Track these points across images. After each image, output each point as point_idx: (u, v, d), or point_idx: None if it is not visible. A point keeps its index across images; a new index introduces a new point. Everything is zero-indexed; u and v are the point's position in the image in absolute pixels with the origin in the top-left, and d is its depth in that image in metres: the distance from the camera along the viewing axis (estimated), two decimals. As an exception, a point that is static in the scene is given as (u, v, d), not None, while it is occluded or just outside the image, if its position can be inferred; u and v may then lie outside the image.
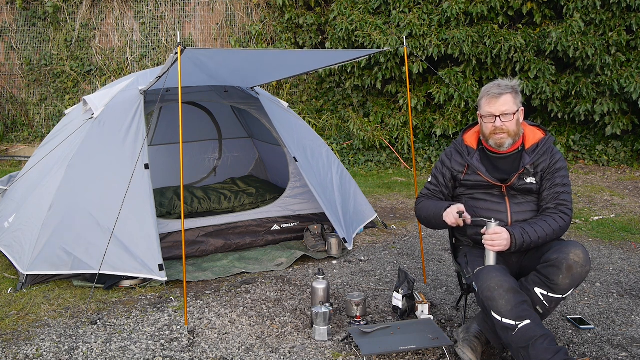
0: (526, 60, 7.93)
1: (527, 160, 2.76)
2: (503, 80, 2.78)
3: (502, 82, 2.76)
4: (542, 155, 2.77)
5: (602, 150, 8.34)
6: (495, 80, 2.83)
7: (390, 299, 3.60)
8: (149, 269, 3.78)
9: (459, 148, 2.92)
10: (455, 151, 2.94)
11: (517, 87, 2.76)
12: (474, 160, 2.84)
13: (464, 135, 2.95)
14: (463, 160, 2.88)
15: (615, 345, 2.98)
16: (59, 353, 2.93)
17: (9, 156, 9.42)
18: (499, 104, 2.69)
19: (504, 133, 2.72)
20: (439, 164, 2.99)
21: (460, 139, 2.96)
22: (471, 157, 2.85)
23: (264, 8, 10.20)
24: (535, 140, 2.81)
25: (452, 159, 2.93)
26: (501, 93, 2.70)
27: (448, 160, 2.95)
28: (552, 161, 2.77)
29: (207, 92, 4.94)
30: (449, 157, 2.96)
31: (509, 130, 2.72)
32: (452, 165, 2.93)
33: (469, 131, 2.96)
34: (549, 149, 2.80)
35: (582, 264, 2.54)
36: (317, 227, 4.72)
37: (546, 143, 2.80)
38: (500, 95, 2.69)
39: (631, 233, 5.15)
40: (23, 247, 3.90)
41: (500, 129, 2.71)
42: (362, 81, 8.94)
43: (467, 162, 2.85)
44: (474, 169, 2.82)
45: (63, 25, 10.30)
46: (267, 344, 3.03)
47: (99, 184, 3.95)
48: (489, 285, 2.49)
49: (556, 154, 2.80)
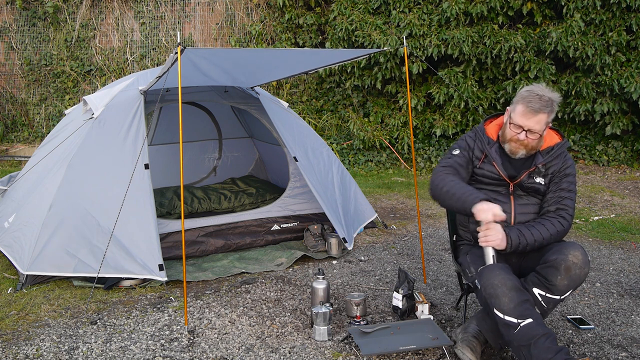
0: (526, 60, 7.93)
1: (540, 160, 2.77)
2: (547, 90, 2.69)
3: (546, 93, 2.67)
4: (555, 158, 2.79)
5: (602, 150, 8.34)
6: (538, 85, 2.72)
7: (390, 299, 3.60)
8: (149, 269, 3.78)
9: (480, 135, 2.89)
10: (477, 137, 2.90)
11: (556, 104, 2.70)
12: (492, 150, 2.83)
13: (486, 125, 2.93)
14: (483, 148, 2.86)
15: (615, 345, 2.98)
16: (59, 353, 2.93)
17: (9, 156, 9.42)
18: (533, 121, 2.65)
19: (523, 146, 2.72)
20: (464, 144, 2.90)
21: (482, 127, 2.93)
22: (490, 146, 2.84)
23: (264, 8, 10.20)
24: (551, 143, 2.82)
25: (476, 144, 2.88)
26: (540, 109, 2.63)
27: (473, 142, 2.89)
28: (564, 166, 2.79)
29: (207, 92, 4.94)
30: (474, 140, 2.90)
31: (528, 145, 2.71)
32: (474, 149, 2.88)
33: (491, 122, 2.94)
34: (563, 153, 2.82)
35: (580, 265, 2.54)
36: (317, 227, 4.72)
37: (561, 147, 2.81)
38: (538, 113, 2.64)
39: (631, 233, 5.15)
40: (23, 247, 3.90)
41: (522, 142, 2.70)
42: (362, 81, 8.94)
43: (486, 150, 2.84)
44: (491, 159, 2.81)
45: (63, 25, 10.30)
46: (267, 344, 3.03)
47: (99, 183, 3.95)
48: (493, 283, 2.50)
49: (568, 159, 2.81)
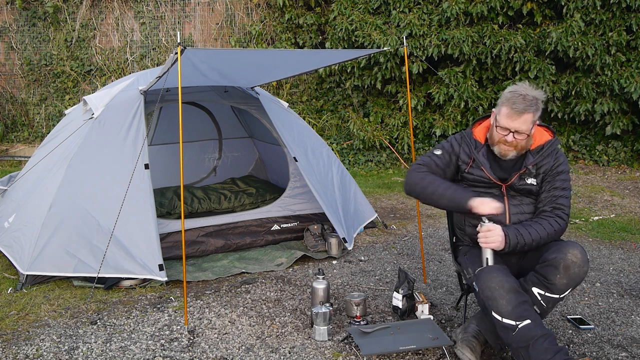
0: (526, 60, 7.93)
1: (530, 161, 2.74)
2: (530, 89, 2.65)
3: (530, 92, 2.63)
4: (546, 157, 2.75)
5: (602, 150, 8.34)
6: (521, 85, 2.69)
7: (390, 299, 3.60)
8: (149, 269, 3.78)
9: (467, 140, 2.87)
10: (464, 141, 2.88)
11: (541, 101, 2.67)
12: (479, 154, 2.81)
13: (474, 129, 2.90)
14: (470, 152, 2.84)
15: (615, 345, 2.98)
16: (59, 353, 2.93)
17: (9, 156, 9.42)
18: (518, 122, 2.62)
19: (512, 147, 2.69)
20: (448, 146, 2.89)
21: (469, 131, 2.90)
22: (477, 151, 2.82)
23: (264, 8, 10.20)
24: (541, 141, 2.77)
25: (462, 149, 2.87)
26: (525, 110, 2.60)
27: (458, 146, 2.88)
28: (556, 164, 2.74)
29: (207, 92, 4.94)
30: (459, 144, 2.88)
31: (517, 146, 2.68)
32: (460, 154, 2.87)
33: (479, 125, 2.91)
34: (554, 151, 2.77)
35: (579, 264, 2.54)
36: (317, 227, 4.72)
37: (552, 145, 2.76)
38: (523, 113, 2.60)
39: (631, 233, 5.15)
40: (23, 247, 3.90)
41: (510, 143, 2.67)
42: (362, 81, 8.94)
43: (473, 155, 2.82)
44: (479, 163, 2.79)
45: (63, 25, 10.30)
46: (267, 344, 3.03)
47: (99, 183, 3.95)
48: (490, 285, 2.49)
49: (560, 156, 2.76)
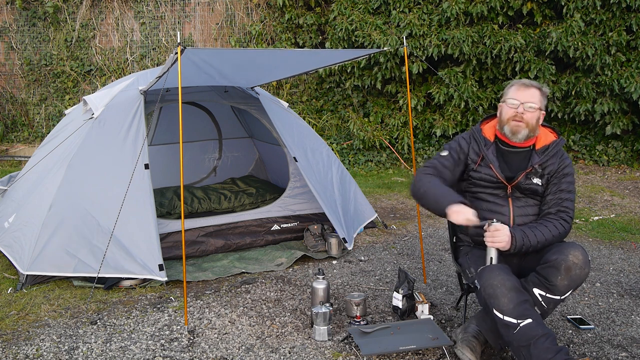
0: (526, 60, 7.93)
1: (536, 160, 2.76)
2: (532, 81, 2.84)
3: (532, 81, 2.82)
4: (551, 157, 2.78)
5: (602, 150, 8.34)
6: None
7: (390, 299, 3.60)
8: (149, 269, 3.78)
9: (477, 137, 2.88)
10: (473, 139, 2.89)
11: (546, 89, 2.81)
12: (489, 152, 2.82)
13: (483, 126, 2.91)
14: (479, 150, 2.85)
15: (615, 345, 2.98)
16: (59, 353, 2.93)
17: (9, 156, 9.42)
18: (527, 95, 2.72)
19: (523, 122, 2.72)
20: (456, 145, 2.89)
21: (478, 128, 2.91)
22: (487, 148, 2.83)
23: (264, 8, 10.20)
24: (546, 141, 2.81)
25: (471, 147, 2.87)
26: (531, 85, 2.75)
27: (467, 145, 2.88)
28: (561, 165, 2.77)
29: (207, 92, 4.94)
30: (468, 142, 2.89)
31: (527, 122, 2.71)
32: (469, 152, 2.87)
33: (487, 123, 2.93)
34: (559, 152, 2.80)
35: (580, 265, 2.54)
36: (317, 227, 4.72)
37: (557, 146, 2.80)
38: (530, 87, 2.74)
39: (631, 233, 5.15)
40: (23, 247, 3.90)
41: (520, 116, 2.71)
42: (362, 81, 8.94)
43: (482, 152, 2.83)
44: (488, 161, 2.80)
45: (63, 25, 10.30)
46: (267, 344, 3.03)
47: (99, 183, 3.95)
48: (492, 283, 2.49)
49: (565, 158, 2.80)
